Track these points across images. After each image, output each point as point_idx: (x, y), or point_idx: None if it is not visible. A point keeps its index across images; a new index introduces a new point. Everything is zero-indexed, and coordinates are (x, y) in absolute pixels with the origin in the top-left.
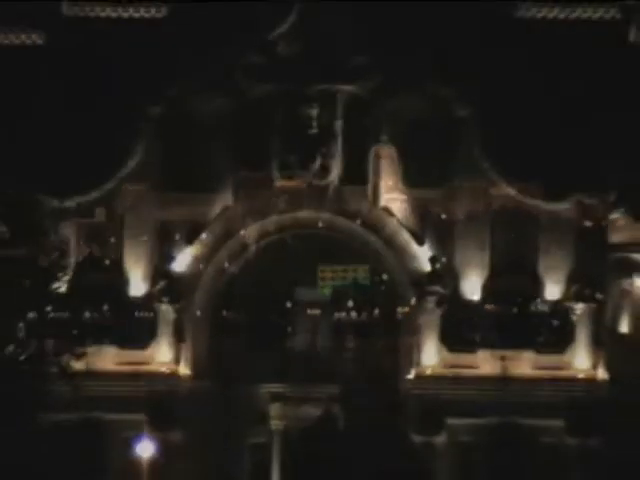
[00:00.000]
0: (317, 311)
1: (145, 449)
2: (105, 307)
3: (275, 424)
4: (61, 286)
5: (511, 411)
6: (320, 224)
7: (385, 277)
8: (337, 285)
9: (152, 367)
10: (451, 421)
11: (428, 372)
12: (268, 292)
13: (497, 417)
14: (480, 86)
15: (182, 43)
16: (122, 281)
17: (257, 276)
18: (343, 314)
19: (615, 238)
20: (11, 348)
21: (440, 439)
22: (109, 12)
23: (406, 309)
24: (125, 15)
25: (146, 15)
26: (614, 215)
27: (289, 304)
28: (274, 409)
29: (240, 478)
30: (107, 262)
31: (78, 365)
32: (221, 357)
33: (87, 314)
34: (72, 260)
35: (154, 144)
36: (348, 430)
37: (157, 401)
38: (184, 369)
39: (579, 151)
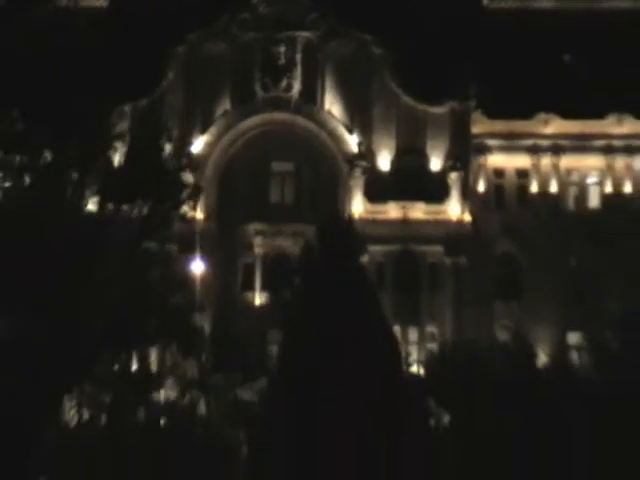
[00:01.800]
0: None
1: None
2: None
3: (258, 251)
4: None
5: (408, 241)
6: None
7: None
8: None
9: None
10: (371, 247)
11: (356, 216)
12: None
13: (400, 245)
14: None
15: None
16: None
17: (246, 154)
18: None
19: (475, 130)
20: None
21: (364, 259)
22: None
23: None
24: None
25: None
26: (474, 114)
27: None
28: (257, 240)
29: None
30: None
31: None
32: (223, 206)
33: None
34: None
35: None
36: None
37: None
38: (200, 214)
39: (455, 71)
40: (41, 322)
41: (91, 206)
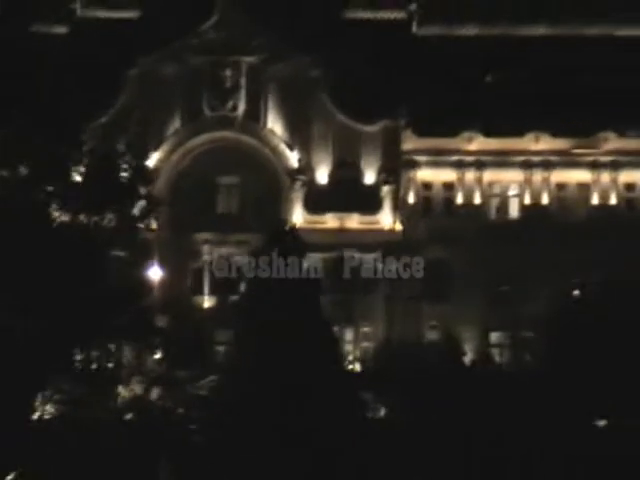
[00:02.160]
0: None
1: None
2: None
3: (206, 258)
4: None
5: (344, 248)
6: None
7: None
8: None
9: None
10: (310, 254)
11: (297, 225)
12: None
13: (337, 252)
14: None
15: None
16: None
17: (195, 168)
18: None
19: (405, 146)
20: None
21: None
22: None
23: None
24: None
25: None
26: (405, 132)
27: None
28: (205, 248)
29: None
30: None
31: None
32: (174, 217)
33: None
34: None
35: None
36: None
37: None
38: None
39: (387, 93)
40: (18, 321)
41: (65, 217)
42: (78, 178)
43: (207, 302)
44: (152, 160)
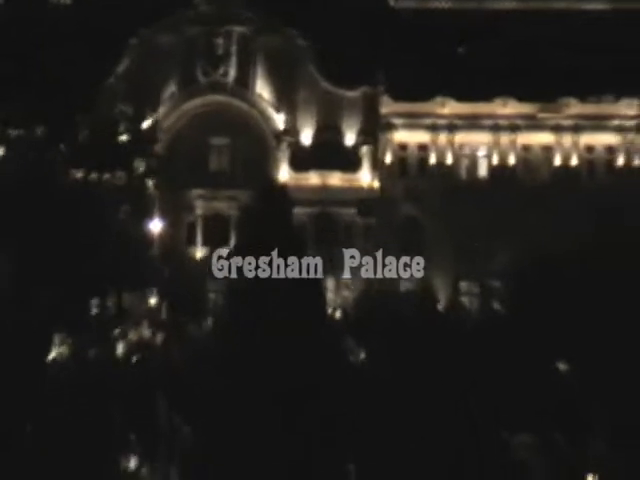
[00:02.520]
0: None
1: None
2: None
3: (198, 212)
4: None
5: (327, 204)
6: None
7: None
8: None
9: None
10: (295, 210)
11: (282, 182)
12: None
13: (319, 207)
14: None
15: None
16: None
17: (189, 130)
18: None
19: (383, 110)
20: None
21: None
22: None
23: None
24: None
25: None
26: (383, 97)
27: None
28: (198, 203)
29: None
30: None
31: None
32: (170, 174)
33: None
34: None
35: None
36: None
37: None
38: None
39: (366, 61)
40: (37, 269)
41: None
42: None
43: (199, 253)
44: (149, 122)
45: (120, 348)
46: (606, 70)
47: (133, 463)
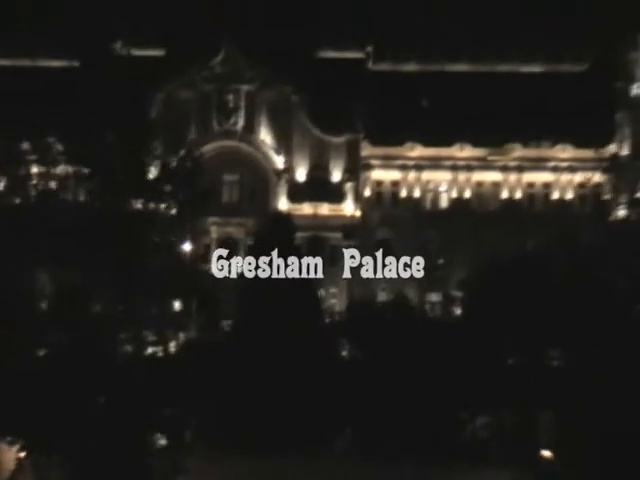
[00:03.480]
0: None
1: None
2: None
3: (213, 235)
4: None
5: (319, 229)
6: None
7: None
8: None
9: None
10: None
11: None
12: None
13: (311, 232)
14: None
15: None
16: None
17: (206, 168)
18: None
19: (363, 153)
20: None
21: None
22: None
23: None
24: None
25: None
26: (363, 142)
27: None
28: (212, 229)
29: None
30: None
31: None
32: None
33: None
34: None
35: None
36: None
37: None
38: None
39: (349, 113)
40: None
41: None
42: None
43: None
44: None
45: (172, 347)
46: (544, 121)
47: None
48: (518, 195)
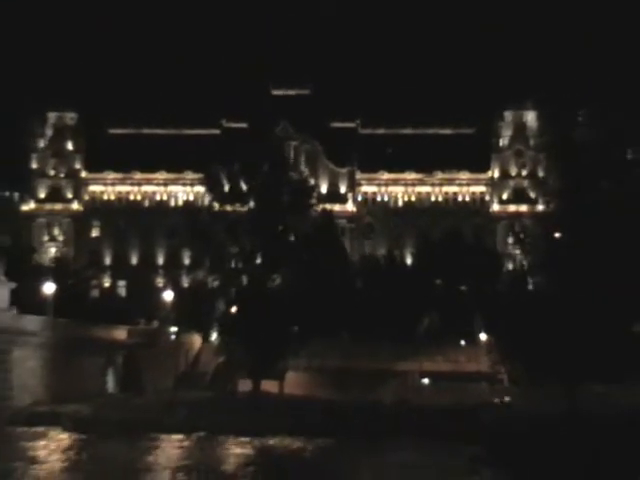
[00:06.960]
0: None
1: None
2: None
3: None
4: None
5: None
6: None
7: None
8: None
9: None
10: None
11: None
12: None
13: None
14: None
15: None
16: None
17: None
18: None
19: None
20: None
21: None
22: None
23: None
24: None
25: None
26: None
27: None
28: None
29: None
30: None
31: None
32: None
33: None
34: None
35: None
36: None
37: None
38: None
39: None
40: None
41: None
42: None
43: None
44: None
45: None
46: (451, 159)
47: None
48: (440, 199)
